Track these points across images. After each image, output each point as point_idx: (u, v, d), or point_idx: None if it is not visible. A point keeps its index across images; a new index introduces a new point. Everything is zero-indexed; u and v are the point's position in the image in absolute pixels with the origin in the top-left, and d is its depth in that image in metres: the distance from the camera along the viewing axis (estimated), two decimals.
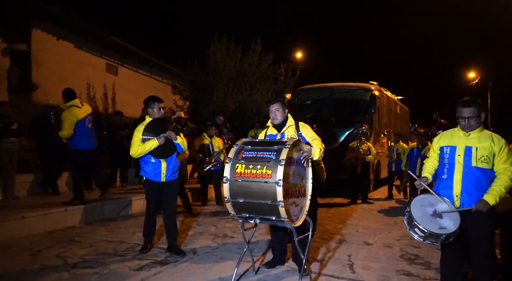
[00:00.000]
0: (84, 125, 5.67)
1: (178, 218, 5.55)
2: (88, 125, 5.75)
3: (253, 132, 8.99)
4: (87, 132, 5.74)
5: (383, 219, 6.54)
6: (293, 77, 14.78)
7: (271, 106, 3.60)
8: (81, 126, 5.61)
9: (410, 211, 2.84)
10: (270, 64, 13.71)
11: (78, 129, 5.58)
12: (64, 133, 5.49)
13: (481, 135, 2.92)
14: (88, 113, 5.78)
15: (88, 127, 5.75)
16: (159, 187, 4.21)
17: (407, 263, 4.06)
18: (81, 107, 5.70)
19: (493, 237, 2.94)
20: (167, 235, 4.30)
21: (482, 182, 2.86)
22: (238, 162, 3.09)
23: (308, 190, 3.41)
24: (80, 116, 5.61)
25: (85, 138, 5.70)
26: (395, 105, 13.70)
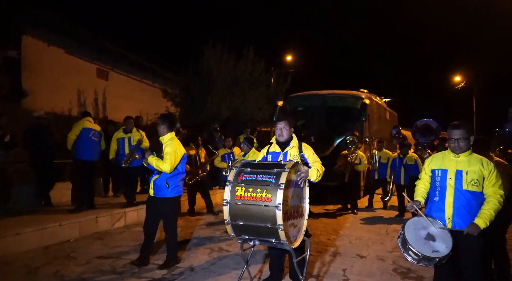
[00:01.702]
0: (88, 136, 6.28)
1: None
2: (93, 138, 6.34)
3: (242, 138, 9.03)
4: (90, 144, 6.30)
5: (375, 229, 6.68)
6: (285, 83, 14.91)
7: (278, 123, 3.65)
8: (85, 135, 6.24)
9: (404, 234, 2.95)
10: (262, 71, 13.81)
11: (82, 139, 6.22)
12: (69, 136, 6.25)
13: (470, 159, 3.04)
14: (95, 129, 6.46)
15: (92, 139, 6.33)
16: (150, 200, 4.37)
17: (400, 277, 4.18)
18: (91, 123, 6.47)
19: (483, 259, 3.06)
20: None
21: (473, 205, 2.98)
22: (238, 185, 3.16)
23: (305, 210, 3.49)
24: (87, 126, 6.33)
25: (88, 150, 6.25)
26: (384, 111, 13.92)
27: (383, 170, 8.82)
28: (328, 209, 8.49)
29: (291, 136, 3.65)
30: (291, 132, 3.64)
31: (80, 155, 6.29)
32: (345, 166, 8.11)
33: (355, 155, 8.27)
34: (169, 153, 4.15)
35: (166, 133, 4.31)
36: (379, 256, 4.94)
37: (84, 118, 6.50)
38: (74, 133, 6.24)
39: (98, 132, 6.55)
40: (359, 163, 8.39)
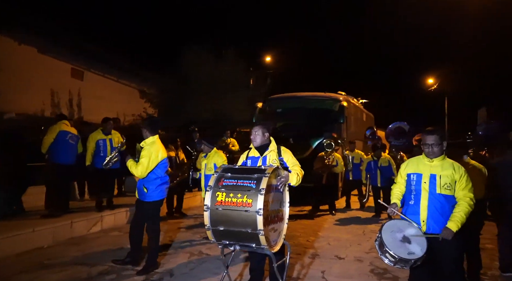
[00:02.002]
0: (65, 139, 6.13)
1: None
2: (70, 141, 6.19)
3: (223, 141, 8.99)
4: (67, 147, 6.15)
5: (353, 230, 6.81)
6: (264, 84, 14.98)
7: (253, 128, 3.68)
8: (62, 138, 6.08)
9: (381, 237, 3.02)
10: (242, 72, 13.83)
11: (59, 142, 6.06)
12: (45, 139, 6.04)
13: (443, 163, 3.16)
14: (72, 132, 6.30)
15: (69, 142, 6.18)
16: (137, 202, 4.50)
17: (377, 278, 4.28)
18: (68, 126, 6.29)
19: (459, 260, 3.18)
20: None
21: (445, 208, 3.09)
22: (219, 190, 3.15)
23: (285, 214, 3.52)
24: (64, 129, 6.17)
25: (64, 153, 6.10)
26: (361, 113, 14.23)
27: (356, 171, 8.98)
28: (306, 210, 8.56)
29: (269, 140, 3.67)
30: (266, 137, 3.64)
31: (57, 158, 6.12)
32: (323, 168, 8.18)
33: (332, 157, 8.34)
34: (143, 157, 4.20)
35: (148, 137, 4.34)
36: (356, 257, 5.05)
37: (60, 121, 6.30)
38: (51, 137, 6.06)
39: (75, 136, 6.40)
40: (336, 164, 8.47)
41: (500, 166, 4.41)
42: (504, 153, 4.57)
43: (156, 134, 4.42)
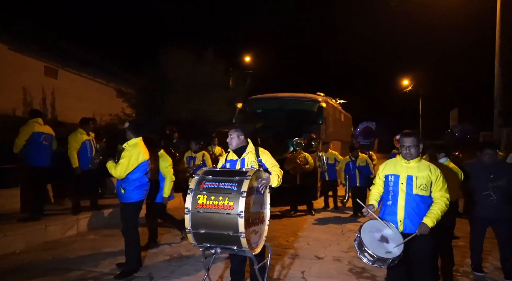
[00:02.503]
0: (39, 140, 5.87)
1: None
2: (44, 142, 5.94)
3: (210, 149, 8.83)
4: (42, 149, 5.90)
5: (332, 229, 6.91)
6: (244, 84, 14.97)
7: (229, 132, 3.69)
8: (36, 140, 5.83)
9: (360, 237, 3.09)
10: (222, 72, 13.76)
11: (33, 143, 5.81)
12: (17, 141, 5.78)
13: (420, 165, 3.26)
14: (46, 132, 6.03)
15: (43, 144, 5.92)
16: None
17: (356, 277, 4.37)
18: (42, 126, 6.00)
19: (434, 258, 3.29)
20: None
21: (421, 208, 3.19)
22: (200, 193, 3.14)
23: (266, 216, 3.54)
24: (38, 130, 5.89)
25: (39, 155, 5.86)
26: (339, 114, 14.46)
27: (331, 171, 8.97)
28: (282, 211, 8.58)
29: (245, 142, 3.67)
30: (242, 140, 3.63)
31: (31, 160, 5.86)
32: (295, 168, 8.13)
33: (302, 156, 8.30)
34: (123, 158, 4.22)
35: (131, 138, 4.37)
36: (335, 257, 5.13)
37: (33, 119, 5.99)
38: (23, 138, 5.79)
39: (50, 135, 6.17)
40: (307, 163, 8.33)
41: (471, 170, 4.42)
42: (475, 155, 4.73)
43: (140, 137, 4.44)
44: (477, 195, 4.35)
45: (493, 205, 4.18)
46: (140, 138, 4.45)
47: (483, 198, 4.25)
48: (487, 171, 4.23)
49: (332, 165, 9.00)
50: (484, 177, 4.24)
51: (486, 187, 4.21)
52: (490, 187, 4.19)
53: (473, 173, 4.37)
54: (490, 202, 4.19)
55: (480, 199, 4.30)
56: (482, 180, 4.26)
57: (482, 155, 4.28)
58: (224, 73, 14.12)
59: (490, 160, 4.24)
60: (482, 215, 4.30)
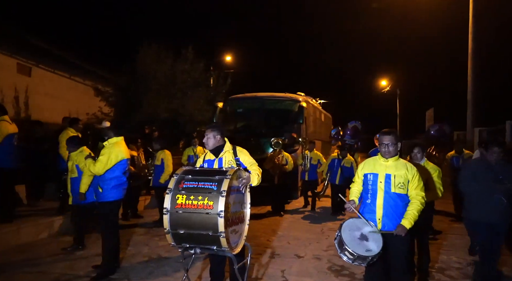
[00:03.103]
0: (11, 142, 5.63)
1: None
2: (15, 143, 5.72)
3: (191, 150, 8.67)
4: (13, 150, 5.66)
5: (312, 228, 6.96)
6: (224, 84, 14.91)
7: (205, 132, 3.66)
8: (8, 142, 5.56)
9: (341, 236, 3.11)
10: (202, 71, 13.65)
11: (4, 145, 5.52)
12: None
13: (397, 164, 3.31)
14: (16, 132, 5.77)
15: (14, 145, 5.70)
16: None
17: (335, 275, 4.41)
18: (10, 124, 5.71)
19: (410, 255, 3.35)
20: None
21: (399, 206, 3.25)
22: (179, 193, 3.09)
23: (246, 215, 3.52)
24: (10, 131, 5.62)
25: (10, 156, 5.60)
26: (320, 113, 14.59)
27: (312, 172, 8.93)
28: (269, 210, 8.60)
29: (222, 141, 3.64)
30: (218, 140, 3.59)
31: (2, 162, 5.55)
32: (273, 168, 8.09)
33: (281, 156, 8.29)
34: (102, 155, 4.21)
35: (111, 137, 4.35)
36: (315, 255, 5.16)
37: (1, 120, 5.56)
38: None
39: (17, 134, 5.84)
40: (286, 163, 8.37)
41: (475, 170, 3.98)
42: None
43: (121, 136, 4.44)
44: (481, 198, 3.83)
45: (501, 210, 3.73)
46: (122, 137, 4.45)
47: (491, 202, 3.76)
48: (493, 171, 3.78)
49: (314, 165, 8.93)
50: (491, 178, 3.76)
51: (494, 189, 3.74)
52: (502, 190, 3.72)
53: (478, 174, 3.87)
54: (499, 207, 3.73)
55: (488, 203, 3.78)
56: (488, 182, 3.78)
57: (489, 153, 3.82)
58: (204, 72, 14.02)
59: (498, 158, 3.77)
60: (488, 220, 3.83)
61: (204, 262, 4.64)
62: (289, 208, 8.95)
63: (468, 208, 4.05)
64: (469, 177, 3.96)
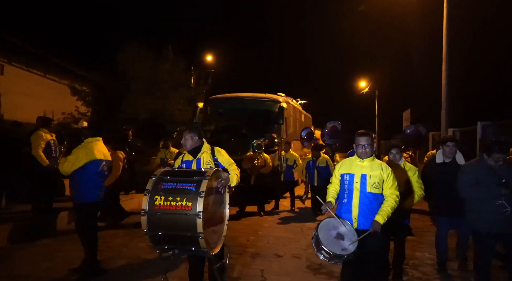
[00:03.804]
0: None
1: None
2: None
3: (163, 153, 8.32)
4: None
5: (291, 228, 7.04)
6: (205, 84, 14.85)
7: (183, 133, 3.66)
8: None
9: (317, 235, 3.18)
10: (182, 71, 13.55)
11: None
12: None
13: (373, 164, 3.41)
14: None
15: None
16: None
17: (313, 273, 4.49)
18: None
19: (385, 253, 3.45)
20: None
21: (374, 205, 3.34)
22: (157, 194, 3.08)
23: (225, 216, 3.54)
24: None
25: None
26: (300, 114, 14.72)
27: (289, 172, 8.92)
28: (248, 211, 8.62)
29: (200, 142, 3.65)
30: (196, 141, 3.61)
31: None
32: (251, 169, 8.04)
33: (261, 157, 8.27)
34: (72, 154, 4.17)
35: (87, 138, 4.30)
36: (294, 255, 5.23)
37: None
38: None
39: None
40: (264, 165, 8.33)
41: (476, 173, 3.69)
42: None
43: (99, 137, 4.40)
44: (483, 204, 3.59)
45: (506, 217, 3.47)
46: (99, 138, 4.39)
47: (493, 208, 3.51)
48: (495, 174, 3.51)
49: (290, 166, 8.93)
50: (492, 182, 3.50)
51: (497, 194, 3.48)
52: (503, 195, 3.46)
53: (480, 178, 3.61)
54: (503, 214, 3.48)
55: (488, 209, 3.54)
56: (490, 186, 3.51)
57: (489, 159, 3.56)
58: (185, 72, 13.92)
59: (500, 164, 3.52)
60: (489, 229, 3.58)
61: (185, 262, 4.62)
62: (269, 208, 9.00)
63: (470, 215, 3.78)
64: (470, 182, 3.66)
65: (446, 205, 4.32)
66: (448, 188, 4.10)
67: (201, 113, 11.35)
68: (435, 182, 4.42)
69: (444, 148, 4.43)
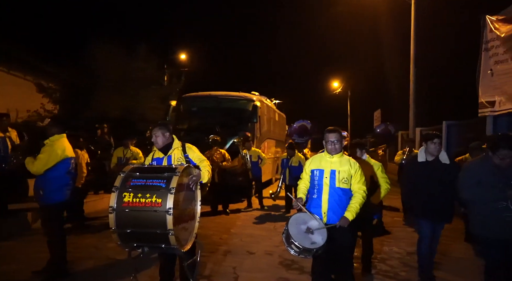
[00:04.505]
0: None
1: None
2: None
3: (121, 152, 7.67)
4: None
5: (265, 225, 7.08)
6: (178, 82, 14.67)
7: (153, 131, 3.59)
8: None
9: (288, 230, 3.22)
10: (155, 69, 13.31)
11: None
12: None
13: (341, 160, 3.49)
14: None
15: None
16: None
17: (285, 269, 4.54)
18: None
19: (352, 248, 3.54)
20: None
21: (343, 200, 3.42)
22: (126, 191, 3.01)
23: (197, 212, 3.51)
24: None
25: None
26: (273, 113, 14.83)
27: (255, 168, 8.88)
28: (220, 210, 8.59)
29: (171, 139, 3.62)
30: (168, 137, 3.57)
31: None
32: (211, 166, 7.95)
33: (219, 153, 8.14)
34: (43, 153, 4.01)
35: (53, 135, 4.13)
36: (267, 251, 5.26)
37: None
38: None
39: None
40: (224, 159, 8.22)
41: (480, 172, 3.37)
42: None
43: (63, 133, 4.23)
44: (485, 207, 3.29)
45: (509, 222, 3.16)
46: (64, 135, 4.24)
47: (496, 212, 3.20)
48: (502, 173, 3.21)
49: (255, 162, 8.88)
50: (497, 182, 3.20)
51: (502, 196, 3.18)
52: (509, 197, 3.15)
53: (483, 179, 3.30)
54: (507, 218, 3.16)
55: (491, 213, 3.23)
56: (495, 187, 3.21)
57: (496, 156, 3.20)
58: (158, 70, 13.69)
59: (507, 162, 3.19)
60: (495, 235, 3.24)
61: (155, 261, 4.55)
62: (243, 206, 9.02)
63: (473, 220, 3.46)
64: (471, 182, 3.36)
65: (428, 207, 3.94)
66: (431, 189, 3.87)
67: (174, 112, 11.23)
68: (416, 183, 4.05)
69: (429, 145, 3.93)
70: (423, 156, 4.05)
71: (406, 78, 13.40)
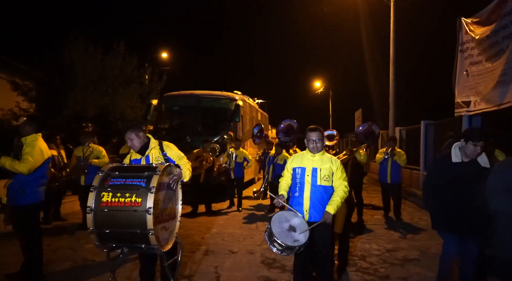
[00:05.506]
0: None
1: None
2: None
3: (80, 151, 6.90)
4: None
5: (247, 225, 7.06)
6: (160, 81, 14.48)
7: (126, 136, 3.47)
8: None
9: (270, 228, 3.21)
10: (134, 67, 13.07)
11: None
12: None
13: (323, 158, 3.52)
14: None
15: None
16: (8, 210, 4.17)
17: (267, 268, 4.54)
18: None
19: (331, 244, 3.57)
20: None
21: (324, 197, 3.44)
22: (105, 190, 2.95)
23: (178, 212, 3.47)
24: None
25: None
26: (256, 112, 14.84)
27: (238, 169, 8.84)
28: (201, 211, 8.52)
29: (147, 139, 3.53)
30: (144, 138, 3.48)
31: None
32: (198, 168, 7.86)
33: (211, 160, 8.12)
34: (29, 153, 3.82)
35: (31, 134, 3.97)
36: (248, 250, 5.25)
37: None
38: None
39: None
40: (212, 164, 8.25)
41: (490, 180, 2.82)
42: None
43: (39, 132, 4.09)
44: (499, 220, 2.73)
45: None
46: (40, 134, 4.10)
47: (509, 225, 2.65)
48: None
49: (239, 163, 8.83)
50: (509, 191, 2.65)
51: None
52: None
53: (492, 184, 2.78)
54: None
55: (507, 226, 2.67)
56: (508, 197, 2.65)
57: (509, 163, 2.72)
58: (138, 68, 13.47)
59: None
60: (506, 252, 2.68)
61: (134, 262, 4.48)
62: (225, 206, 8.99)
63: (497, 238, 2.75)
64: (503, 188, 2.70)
65: (459, 219, 3.22)
66: (465, 197, 3.14)
67: (155, 111, 11.06)
68: (447, 188, 3.30)
69: (468, 145, 3.21)
70: (459, 155, 3.32)
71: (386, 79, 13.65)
